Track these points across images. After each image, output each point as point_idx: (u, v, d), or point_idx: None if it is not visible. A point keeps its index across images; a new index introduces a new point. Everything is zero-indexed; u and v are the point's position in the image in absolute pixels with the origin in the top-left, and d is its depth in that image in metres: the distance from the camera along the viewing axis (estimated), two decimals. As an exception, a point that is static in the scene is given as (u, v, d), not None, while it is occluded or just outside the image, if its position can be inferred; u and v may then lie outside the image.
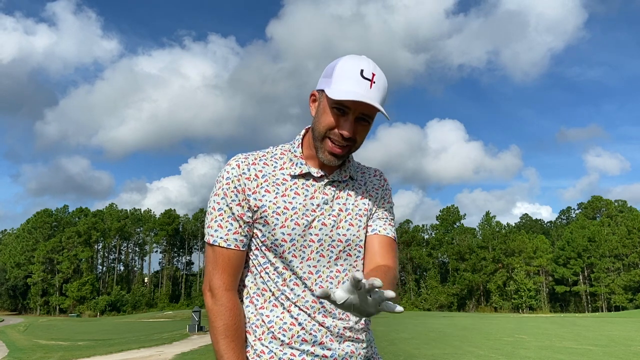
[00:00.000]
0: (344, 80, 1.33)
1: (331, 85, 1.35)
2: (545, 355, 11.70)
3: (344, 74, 1.34)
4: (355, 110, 1.34)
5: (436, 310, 77.86)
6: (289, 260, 1.38)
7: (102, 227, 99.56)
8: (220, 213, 1.41)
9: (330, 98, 1.34)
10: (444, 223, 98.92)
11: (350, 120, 1.35)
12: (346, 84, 1.33)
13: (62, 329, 37.17)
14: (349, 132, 1.34)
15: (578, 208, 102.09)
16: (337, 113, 1.35)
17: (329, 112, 1.36)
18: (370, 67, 1.35)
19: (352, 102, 1.31)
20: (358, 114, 1.35)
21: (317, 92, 1.44)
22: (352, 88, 1.32)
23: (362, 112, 1.35)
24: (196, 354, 13.23)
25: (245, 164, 1.43)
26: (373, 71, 1.35)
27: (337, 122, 1.35)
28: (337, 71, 1.36)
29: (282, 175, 1.44)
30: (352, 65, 1.35)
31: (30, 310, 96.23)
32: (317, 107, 1.42)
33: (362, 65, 1.34)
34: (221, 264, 1.39)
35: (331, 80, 1.36)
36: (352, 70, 1.34)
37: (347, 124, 1.34)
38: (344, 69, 1.35)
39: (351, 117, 1.35)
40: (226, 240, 1.39)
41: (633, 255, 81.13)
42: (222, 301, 1.37)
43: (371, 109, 1.34)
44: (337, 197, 1.46)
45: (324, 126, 1.37)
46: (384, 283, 1.22)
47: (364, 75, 1.33)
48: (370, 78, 1.33)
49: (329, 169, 1.47)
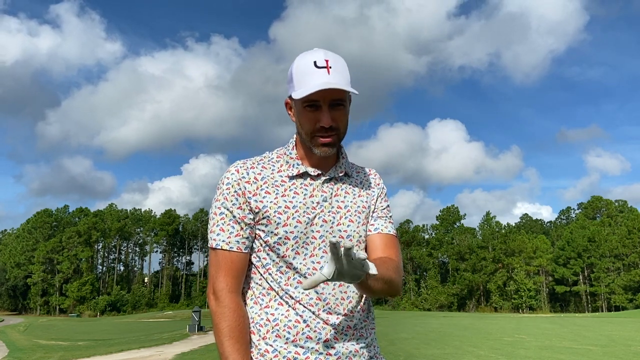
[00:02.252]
0: (302, 78, 1.38)
1: (295, 88, 1.40)
2: (545, 355, 11.69)
3: (300, 73, 1.39)
4: (325, 100, 1.37)
5: (436, 310, 77.78)
6: (292, 257, 1.40)
7: (102, 227, 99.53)
8: (221, 217, 1.44)
9: (298, 100, 1.40)
10: (444, 223, 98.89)
11: (324, 111, 1.38)
12: (305, 81, 1.37)
13: (62, 329, 37.17)
14: (328, 122, 1.38)
15: (578, 208, 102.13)
16: (311, 110, 1.39)
17: (304, 113, 1.41)
18: (321, 55, 1.39)
19: (317, 93, 1.35)
20: (329, 102, 1.38)
21: (288, 99, 1.49)
22: (312, 81, 1.36)
23: (332, 99, 1.38)
24: (196, 354, 13.23)
25: (244, 168, 1.47)
26: (325, 58, 1.39)
27: (315, 118, 1.39)
28: (294, 73, 1.41)
29: (280, 177, 1.47)
30: (304, 61, 1.40)
31: (30, 310, 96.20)
32: (294, 113, 1.47)
33: (314, 57, 1.39)
34: (224, 267, 1.41)
35: (293, 84, 1.41)
36: (306, 65, 1.39)
37: (323, 115, 1.38)
38: (299, 68, 1.40)
39: (324, 107, 1.38)
40: (228, 243, 1.41)
41: (633, 255, 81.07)
42: (226, 303, 1.38)
43: (338, 92, 1.37)
44: (336, 194, 1.49)
45: (306, 127, 1.42)
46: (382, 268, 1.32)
47: (318, 65, 1.37)
48: (324, 65, 1.37)
49: (325, 168, 1.51)
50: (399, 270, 1.46)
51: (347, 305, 1.43)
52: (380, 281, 1.33)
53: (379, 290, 1.36)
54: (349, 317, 1.43)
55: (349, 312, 1.43)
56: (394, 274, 1.41)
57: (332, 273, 1.13)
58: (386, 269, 1.37)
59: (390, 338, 15.87)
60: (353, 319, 1.43)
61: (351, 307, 1.44)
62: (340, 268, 1.13)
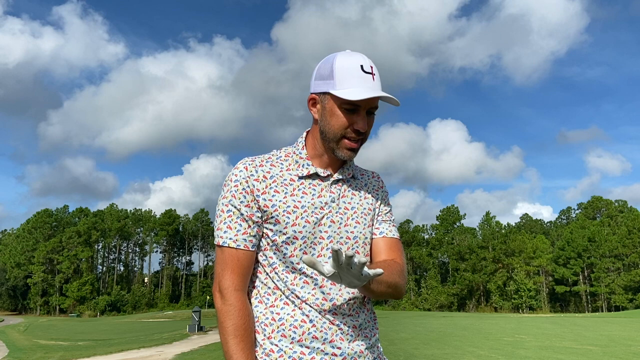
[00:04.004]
0: (348, 80, 1.37)
1: (336, 86, 1.38)
2: (545, 355, 11.69)
3: (346, 73, 1.37)
4: (365, 106, 1.39)
5: (436, 310, 77.79)
6: (300, 257, 1.40)
7: (102, 227, 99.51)
8: (229, 215, 1.42)
9: (340, 98, 1.37)
10: (444, 223, 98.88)
11: (362, 116, 1.40)
12: (353, 83, 1.36)
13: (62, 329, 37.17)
14: (364, 127, 1.40)
15: (578, 208, 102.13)
16: (348, 111, 1.39)
17: (339, 113, 1.39)
18: (367, 61, 1.40)
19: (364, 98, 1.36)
20: (368, 108, 1.40)
21: (316, 95, 1.45)
22: (361, 85, 1.36)
23: (371, 106, 1.40)
24: (196, 354, 13.24)
25: (252, 166, 1.45)
26: (370, 64, 1.40)
27: (350, 120, 1.39)
28: (338, 71, 1.38)
29: (289, 175, 1.46)
30: (350, 62, 1.38)
31: (30, 310, 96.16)
32: (322, 110, 1.44)
33: (360, 61, 1.39)
34: (230, 265, 1.40)
35: (334, 82, 1.38)
36: (353, 67, 1.38)
37: (361, 120, 1.39)
38: (344, 67, 1.38)
39: (363, 112, 1.40)
40: (235, 241, 1.40)
41: (633, 255, 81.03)
42: (231, 301, 1.37)
43: (376, 101, 1.40)
44: (343, 195, 1.50)
45: (338, 127, 1.40)
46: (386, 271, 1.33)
47: (365, 70, 1.38)
48: (370, 71, 1.39)
49: (333, 169, 1.51)
50: (404, 274, 1.47)
51: (352, 305, 1.42)
52: (384, 284, 1.35)
53: (383, 293, 1.38)
54: (355, 318, 1.43)
55: (354, 313, 1.43)
56: (399, 277, 1.42)
57: (331, 272, 1.17)
58: (391, 272, 1.38)
59: (390, 338, 15.86)
60: (359, 319, 1.44)
61: (357, 308, 1.44)
62: (339, 273, 1.17)
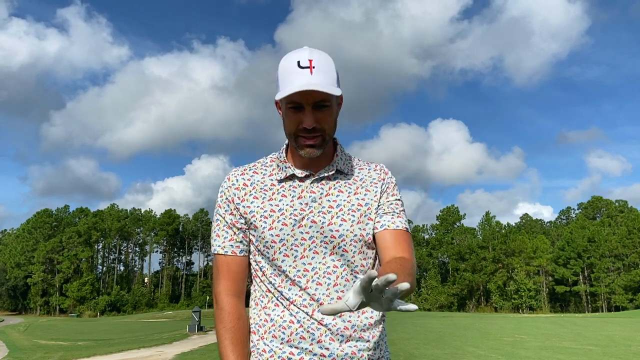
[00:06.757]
0: (287, 78, 1.35)
1: (279, 88, 1.38)
2: (545, 355, 11.69)
3: (286, 73, 1.36)
4: (307, 101, 1.34)
5: (436, 311, 77.76)
6: (281, 260, 1.40)
7: (102, 227, 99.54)
8: (217, 223, 1.50)
9: (283, 99, 1.37)
10: (444, 223, 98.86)
11: (307, 112, 1.35)
12: (291, 80, 1.34)
13: (62, 329, 37.16)
14: (310, 124, 1.35)
15: (578, 208, 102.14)
16: (294, 111, 1.36)
17: (288, 114, 1.38)
18: (305, 55, 1.35)
19: (298, 94, 1.32)
20: (312, 103, 1.34)
21: (277, 101, 1.45)
22: (294, 82, 1.32)
23: (315, 100, 1.34)
24: (196, 354, 13.25)
25: (234, 175, 1.51)
26: (309, 57, 1.35)
27: (298, 119, 1.37)
28: (280, 73, 1.38)
29: (270, 181, 1.48)
30: (288, 61, 1.37)
31: (30, 311, 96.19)
32: (282, 114, 1.45)
33: (298, 57, 1.35)
34: (221, 271, 1.47)
35: (278, 84, 1.38)
36: (289, 65, 1.36)
37: (306, 116, 1.35)
38: (283, 68, 1.38)
39: (307, 108, 1.35)
40: (223, 248, 1.47)
41: (633, 255, 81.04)
42: (222, 305, 1.44)
43: (321, 93, 1.33)
44: (327, 194, 1.46)
45: (290, 128, 1.40)
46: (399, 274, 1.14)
47: (301, 65, 1.34)
48: (307, 65, 1.33)
49: (315, 168, 1.47)
50: (414, 270, 1.34)
51: None
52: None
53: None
54: (347, 318, 1.39)
55: (346, 313, 1.38)
56: (411, 277, 1.26)
57: (357, 305, 1.00)
58: (405, 275, 1.21)
59: (390, 338, 15.85)
60: (351, 320, 1.39)
61: None
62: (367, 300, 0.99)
